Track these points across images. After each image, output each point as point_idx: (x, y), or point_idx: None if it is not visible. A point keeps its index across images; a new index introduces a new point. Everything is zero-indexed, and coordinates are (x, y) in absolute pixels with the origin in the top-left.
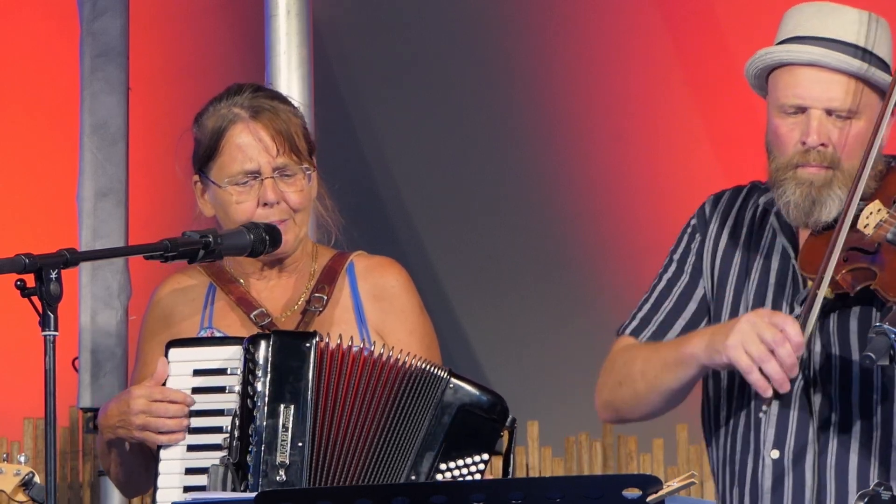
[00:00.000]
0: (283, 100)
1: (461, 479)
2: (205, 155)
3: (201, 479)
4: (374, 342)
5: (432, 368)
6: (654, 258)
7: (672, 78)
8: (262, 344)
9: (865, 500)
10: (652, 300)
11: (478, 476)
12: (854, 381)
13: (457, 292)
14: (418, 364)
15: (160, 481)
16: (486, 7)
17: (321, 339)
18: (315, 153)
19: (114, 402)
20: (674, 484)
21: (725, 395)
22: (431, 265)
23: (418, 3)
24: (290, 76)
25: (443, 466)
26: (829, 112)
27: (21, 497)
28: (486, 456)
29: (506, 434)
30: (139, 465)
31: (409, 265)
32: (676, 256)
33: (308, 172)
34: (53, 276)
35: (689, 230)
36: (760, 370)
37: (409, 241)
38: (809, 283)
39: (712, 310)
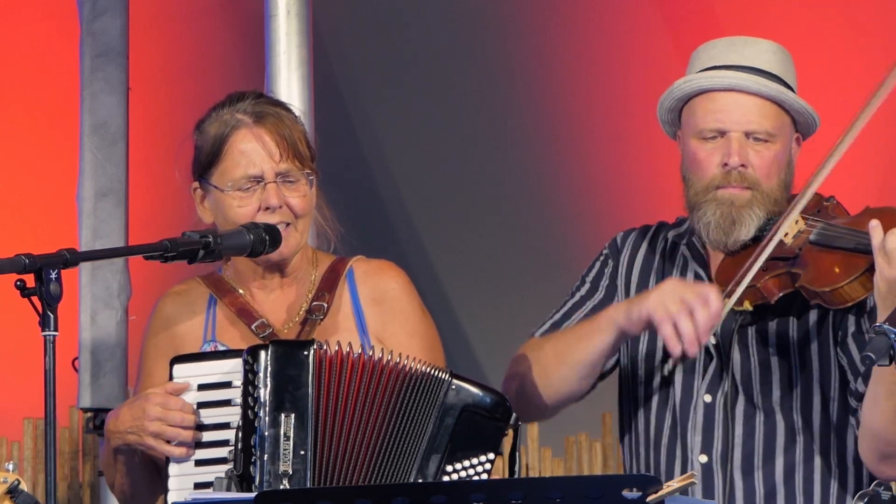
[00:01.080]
0: (285, 107)
1: (468, 479)
2: (207, 161)
3: (210, 494)
4: (374, 346)
5: (433, 370)
6: None
7: (672, 78)
8: (262, 354)
9: (865, 500)
10: (563, 311)
11: (484, 476)
12: (775, 387)
13: (457, 292)
14: (419, 367)
15: (170, 497)
16: (486, 7)
17: (320, 347)
18: (315, 161)
19: (126, 407)
20: (674, 484)
21: (646, 409)
22: (431, 265)
23: (418, 3)
24: (290, 76)
25: (449, 468)
26: (747, 135)
27: None
28: (491, 456)
29: (510, 433)
30: (145, 478)
31: (409, 265)
32: (589, 278)
33: (310, 178)
34: (53, 276)
35: (601, 258)
36: (675, 328)
37: (409, 241)
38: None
39: None
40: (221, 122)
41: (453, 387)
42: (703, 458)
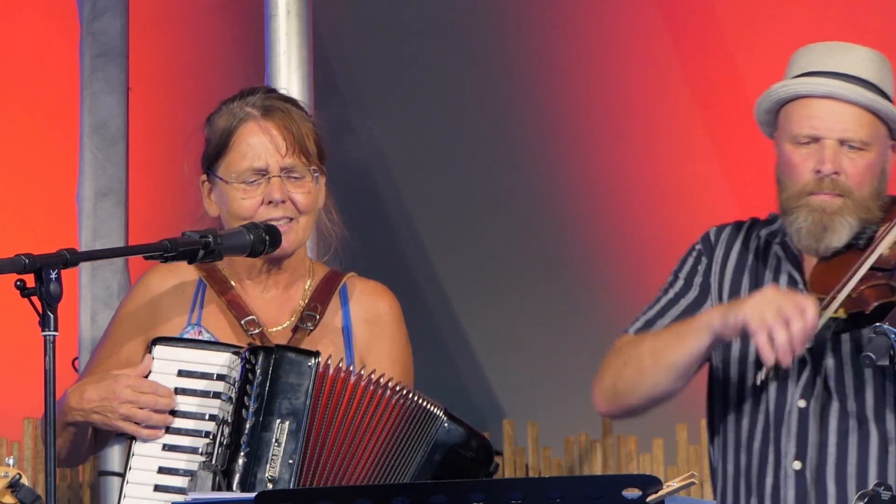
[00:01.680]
0: (296, 103)
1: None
2: (214, 153)
3: (173, 480)
4: (360, 365)
5: (429, 406)
6: (653, 258)
7: (672, 78)
8: (262, 355)
9: (865, 500)
10: (658, 308)
11: None
12: (868, 396)
13: (457, 292)
14: (416, 400)
15: (131, 476)
16: (486, 7)
17: (321, 362)
18: (325, 160)
19: (92, 386)
20: (674, 484)
21: (738, 411)
22: (431, 265)
23: (418, 3)
24: (290, 76)
25: None
26: (841, 142)
27: (8, 499)
28: None
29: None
30: (87, 448)
31: (409, 265)
32: (682, 274)
33: (316, 175)
34: (53, 276)
35: (693, 254)
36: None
37: (409, 241)
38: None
39: None
40: (230, 115)
41: (445, 425)
42: (797, 465)
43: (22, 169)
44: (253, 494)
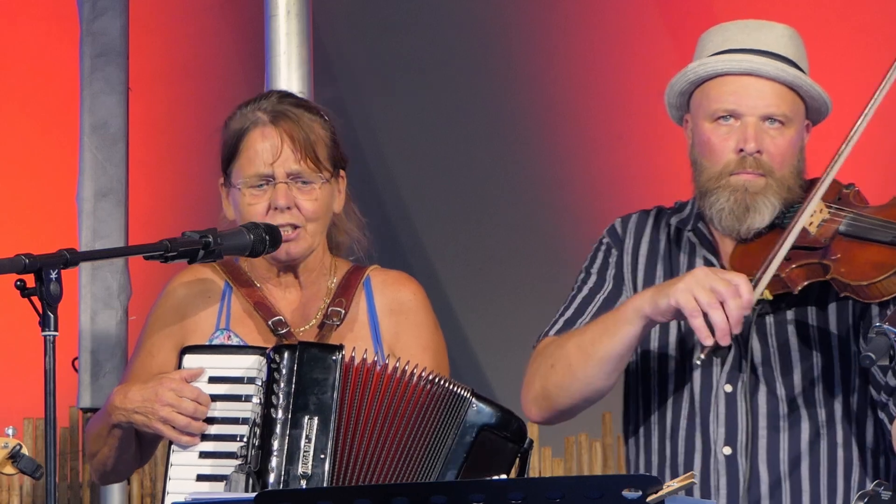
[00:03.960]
0: (310, 108)
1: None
2: (227, 157)
3: (211, 486)
4: (390, 356)
5: (456, 389)
6: None
7: (671, 77)
8: (287, 353)
9: (865, 499)
10: (574, 307)
11: None
12: (796, 379)
13: (457, 292)
14: (443, 384)
15: (170, 486)
16: (486, 7)
17: (346, 354)
18: (345, 167)
19: (137, 387)
20: (673, 484)
21: (660, 402)
22: (431, 265)
23: (418, 3)
24: (290, 76)
25: None
26: (763, 119)
27: (9, 469)
28: (504, 476)
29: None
30: (132, 456)
31: (409, 265)
32: (594, 269)
33: (325, 181)
34: (53, 276)
35: (602, 247)
36: (706, 318)
37: (409, 241)
38: None
39: None
40: (242, 119)
41: (474, 406)
42: (728, 450)
43: (22, 169)
44: (252, 495)
